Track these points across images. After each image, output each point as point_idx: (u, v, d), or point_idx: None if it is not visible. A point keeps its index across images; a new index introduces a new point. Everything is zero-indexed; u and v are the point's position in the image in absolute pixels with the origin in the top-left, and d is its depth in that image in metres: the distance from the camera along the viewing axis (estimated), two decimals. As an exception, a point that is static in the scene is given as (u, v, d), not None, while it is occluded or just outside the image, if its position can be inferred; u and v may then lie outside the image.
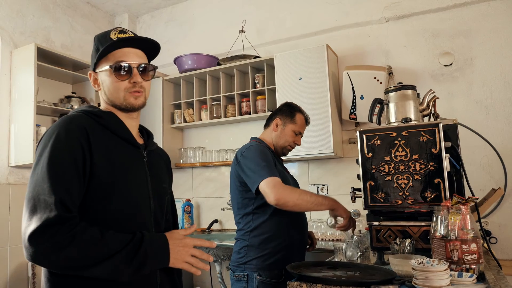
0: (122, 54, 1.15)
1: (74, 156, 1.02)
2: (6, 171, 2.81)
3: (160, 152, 1.35)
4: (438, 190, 1.43)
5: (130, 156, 1.15)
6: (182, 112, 3.38)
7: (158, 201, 1.20)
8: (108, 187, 1.06)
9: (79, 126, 1.06)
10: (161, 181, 1.25)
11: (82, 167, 1.03)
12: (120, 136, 1.15)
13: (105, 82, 1.17)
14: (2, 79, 2.87)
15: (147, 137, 1.29)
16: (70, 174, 1.00)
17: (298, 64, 2.81)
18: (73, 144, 1.03)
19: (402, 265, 1.27)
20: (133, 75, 1.14)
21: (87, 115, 1.12)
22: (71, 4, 3.52)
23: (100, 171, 1.05)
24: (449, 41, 2.70)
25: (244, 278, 1.84)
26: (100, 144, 1.07)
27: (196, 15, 3.70)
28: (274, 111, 2.11)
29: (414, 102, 1.66)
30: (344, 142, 2.91)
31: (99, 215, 1.06)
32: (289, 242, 1.87)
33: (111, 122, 1.15)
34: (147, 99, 1.22)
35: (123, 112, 1.19)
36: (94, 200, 1.05)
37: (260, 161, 1.79)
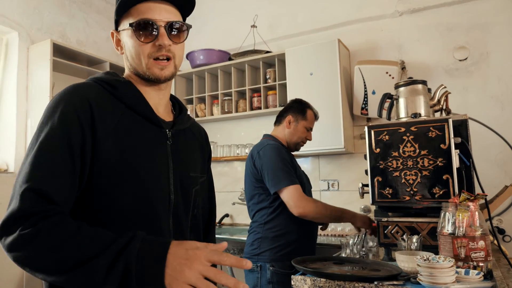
0: (147, 9, 0.91)
1: (70, 140, 0.81)
2: (23, 164, 2.88)
3: (195, 131, 1.11)
4: (447, 187, 1.41)
5: (149, 137, 0.93)
6: (194, 107, 3.40)
7: (182, 193, 0.97)
8: (114, 176, 0.86)
9: (82, 99, 0.86)
10: (189, 168, 1.01)
11: (80, 153, 0.82)
12: (138, 112, 0.93)
13: (127, 44, 0.94)
14: (19, 75, 2.94)
15: (179, 111, 1.06)
16: (60, 161, 0.80)
17: (309, 59, 2.79)
18: (70, 124, 0.82)
19: (408, 262, 1.26)
20: (160, 36, 0.90)
21: (100, 84, 0.92)
22: (86, 1, 3.57)
23: (105, 155, 0.85)
24: (464, 35, 2.64)
25: (257, 269, 1.90)
26: (108, 123, 0.87)
27: (209, 11, 3.71)
28: (285, 108, 2.16)
29: (425, 97, 1.64)
30: (356, 137, 2.88)
31: (103, 210, 0.86)
32: (301, 235, 1.94)
33: (127, 94, 0.93)
34: (178, 67, 0.98)
35: (147, 82, 0.96)
36: (96, 192, 0.85)
37: (279, 163, 1.88)
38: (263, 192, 1.95)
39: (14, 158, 2.84)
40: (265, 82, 3.11)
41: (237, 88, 3.22)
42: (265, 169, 1.89)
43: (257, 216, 1.98)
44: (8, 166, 2.83)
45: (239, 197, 3.21)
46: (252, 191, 2.00)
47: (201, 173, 1.09)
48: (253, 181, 1.99)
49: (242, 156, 3.26)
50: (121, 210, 0.87)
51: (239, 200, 3.21)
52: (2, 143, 2.91)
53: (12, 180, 2.78)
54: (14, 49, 2.97)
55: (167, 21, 0.92)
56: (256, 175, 1.96)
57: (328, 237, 2.59)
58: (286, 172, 1.86)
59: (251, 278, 1.94)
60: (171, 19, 0.93)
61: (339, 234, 2.59)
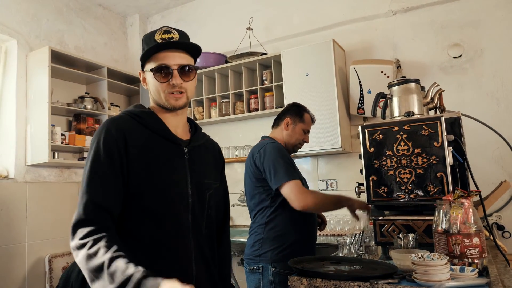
0: (164, 57, 1.18)
1: (112, 160, 1.10)
2: (23, 170, 2.90)
3: (209, 146, 1.37)
4: (441, 184, 1.42)
5: (169, 153, 1.19)
6: (192, 110, 3.42)
7: (198, 197, 1.22)
8: (144, 184, 1.13)
9: (117, 128, 1.14)
10: (204, 176, 1.27)
11: (120, 167, 1.11)
12: (159, 134, 1.20)
13: (150, 82, 1.22)
14: (19, 82, 2.96)
15: (195, 131, 1.32)
16: (107, 177, 1.09)
17: (305, 60, 2.81)
18: (111, 148, 1.11)
19: (403, 260, 1.27)
20: (173, 77, 1.17)
21: (130, 116, 1.20)
22: (84, 7, 3.59)
23: (137, 171, 1.12)
24: (458, 33, 2.65)
25: (259, 270, 1.91)
26: (137, 143, 1.14)
27: (204, 14, 3.73)
28: (282, 111, 2.19)
29: (418, 95, 1.65)
30: (353, 137, 2.89)
31: (138, 210, 1.13)
32: (302, 236, 1.96)
33: (150, 121, 1.20)
34: (190, 98, 1.26)
35: (167, 111, 1.23)
36: (132, 197, 1.12)
37: (280, 160, 1.91)
38: (264, 192, 1.96)
39: (14, 164, 2.86)
40: (262, 84, 3.12)
41: (234, 90, 3.24)
42: (266, 166, 1.91)
43: (258, 216, 1.99)
44: (9, 173, 2.85)
45: (238, 198, 3.23)
46: (253, 191, 2.01)
47: (215, 180, 1.34)
48: (253, 181, 2.00)
49: (241, 157, 3.27)
50: (151, 210, 1.14)
51: (238, 201, 3.22)
52: (2, 150, 2.93)
53: (13, 185, 2.81)
54: (13, 57, 3.00)
55: (179, 65, 1.18)
56: (257, 174, 1.97)
57: (327, 237, 2.60)
58: (286, 168, 1.89)
59: (253, 279, 1.95)
60: (183, 63, 1.19)
61: (337, 234, 2.60)
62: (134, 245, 1.11)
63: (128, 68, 3.85)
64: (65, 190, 3.14)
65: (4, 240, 2.69)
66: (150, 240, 1.13)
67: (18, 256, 2.77)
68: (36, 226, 2.89)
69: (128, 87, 3.61)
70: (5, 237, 2.70)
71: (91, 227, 1.03)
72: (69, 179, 3.21)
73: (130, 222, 1.13)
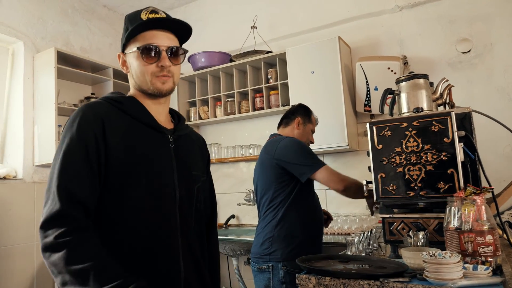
0: (152, 36, 1.09)
1: (87, 149, 0.99)
2: (31, 170, 2.92)
3: (194, 137, 1.28)
4: (452, 181, 1.39)
5: (153, 142, 1.09)
6: (197, 110, 3.41)
7: (186, 190, 1.13)
8: (125, 176, 1.02)
9: (95, 115, 1.03)
10: (191, 168, 1.18)
11: (97, 159, 0.99)
12: (142, 122, 1.09)
13: (133, 64, 1.11)
14: (26, 83, 2.98)
15: (178, 121, 1.23)
16: (82, 167, 0.97)
17: (310, 58, 2.78)
18: (87, 136, 1.00)
19: (414, 258, 1.25)
20: (161, 58, 1.08)
21: (108, 102, 1.09)
22: (89, 8, 3.60)
23: (115, 160, 1.01)
24: (466, 27, 2.61)
25: (268, 269, 1.90)
26: (117, 133, 1.03)
27: (208, 14, 3.72)
28: (291, 111, 2.21)
29: (427, 91, 1.62)
30: (360, 134, 2.86)
31: (117, 206, 1.02)
32: (312, 234, 1.96)
33: (131, 107, 1.10)
34: (176, 84, 1.16)
35: (150, 97, 1.13)
36: (111, 191, 1.01)
37: (306, 150, 1.96)
38: (280, 188, 1.95)
39: (23, 164, 2.88)
40: (267, 82, 3.10)
41: (239, 89, 3.22)
42: (293, 158, 1.92)
43: (269, 214, 1.97)
44: (17, 173, 2.87)
45: (244, 198, 3.21)
46: (268, 186, 1.99)
47: (202, 173, 1.25)
48: (269, 177, 1.99)
49: (247, 156, 3.26)
50: (133, 204, 1.03)
51: (244, 201, 3.21)
52: (10, 151, 2.95)
53: (21, 186, 2.82)
54: (20, 58, 3.01)
55: (168, 46, 1.10)
56: (276, 168, 1.96)
57: (334, 235, 2.57)
58: (315, 156, 1.95)
59: (261, 278, 1.93)
60: (172, 45, 1.11)
61: (345, 233, 2.57)
62: (114, 244, 1.01)
63: (133, 68, 3.85)
64: (72, 190, 3.15)
65: (13, 240, 2.71)
66: (133, 239, 1.02)
67: (27, 256, 2.79)
68: (43, 227, 2.89)
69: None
70: (14, 237, 2.72)
71: (67, 224, 0.92)
72: (76, 179, 3.22)
73: (109, 218, 1.02)
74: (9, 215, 2.70)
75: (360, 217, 2.63)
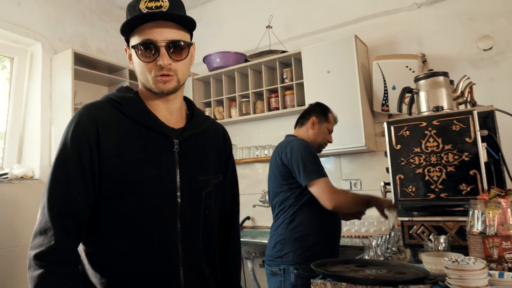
0: (150, 30, 0.95)
1: (80, 157, 0.93)
2: (48, 170, 2.92)
3: (210, 132, 1.16)
4: (475, 183, 1.33)
5: (154, 147, 1.00)
6: (213, 110, 3.40)
7: (191, 197, 1.02)
8: (119, 185, 0.95)
9: (91, 119, 0.96)
10: (199, 172, 1.06)
11: (90, 168, 0.94)
12: (143, 125, 1.00)
13: (135, 61, 1.01)
14: (43, 84, 3.02)
15: (191, 116, 1.11)
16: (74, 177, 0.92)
17: (326, 57, 2.74)
18: (80, 144, 0.94)
19: (435, 264, 1.20)
20: (160, 56, 0.95)
21: (109, 102, 1.01)
22: (106, 10, 3.64)
23: (109, 168, 0.95)
24: (488, 24, 2.52)
25: (280, 272, 1.87)
26: (112, 137, 0.96)
27: (224, 14, 3.71)
28: (307, 110, 2.17)
29: (447, 89, 1.56)
30: (377, 135, 2.80)
31: (112, 216, 0.96)
32: (326, 237, 1.92)
33: (131, 109, 1.00)
34: (182, 81, 1.03)
35: (156, 95, 1.02)
36: (106, 200, 0.95)
37: (309, 156, 1.89)
38: (288, 190, 1.93)
39: (40, 165, 2.91)
40: (282, 82, 3.07)
41: (254, 89, 3.20)
42: (295, 163, 1.88)
43: (281, 216, 1.95)
44: (34, 173, 2.91)
45: (260, 199, 3.18)
46: (277, 189, 1.98)
47: (215, 175, 1.12)
48: (278, 179, 1.97)
49: (262, 157, 3.23)
50: (126, 214, 0.96)
51: (260, 202, 3.18)
52: (28, 151, 2.99)
53: (38, 186, 2.85)
54: (38, 60, 3.06)
55: (167, 40, 0.96)
56: (282, 171, 1.94)
57: (351, 238, 2.52)
58: (316, 164, 1.88)
59: (274, 281, 1.91)
60: (173, 38, 0.97)
61: (362, 236, 2.52)
62: (108, 256, 0.95)
63: (149, 69, 3.88)
64: (88, 191, 3.18)
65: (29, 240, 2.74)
66: (128, 251, 0.95)
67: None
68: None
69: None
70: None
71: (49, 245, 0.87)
72: (92, 180, 3.25)
73: (103, 228, 0.96)
74: (27, 215, 2.74)
75: (378, 219, 2.57)
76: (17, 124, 3.01)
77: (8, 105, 2.98)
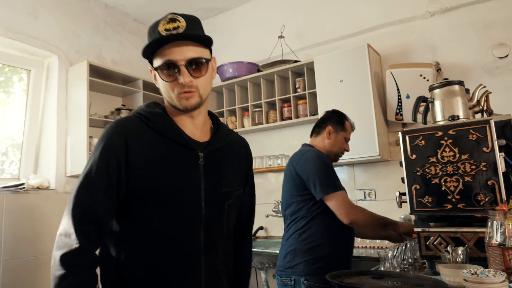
0: (169, 51, 1.01)
1: (108, 172, 0.99)
2: (64, 180, 2.99)
3: (234, 146, 1.21)
4: (493, 193, 1.31)
5: (180, 160, 1.05)
6: (225, 120, 3.42)
7: (215, 209, 1.08)
8: (147, 195, 1.01)
9: (120, 134, 1.02)
10: (223, 185, 1.12)
11: (117, 181, 1.00)
12: (170, 139, 1.06)
13: (159, 81, 1.07)
14: (59, 95, 3.08)
15: (216, 131, 1.17)
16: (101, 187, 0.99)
17: (339, 66, 2.74)
18: (109, 159, 1.00)
19: (453, 276, 1.17)
20: (181, 75, 1.01)
21: (138, 117, 1.07)
22: (120, 22, 3.71)
23: (138, 179, 1.00)
24: (503, 31, 2.49)
25: (291, 283, 1.85)
26: (141, 151, 1.02)
27: (236, 25, 3.75)
28: (323, 119, 2.14)
29: (462, 98, 1.55)
30: (391, 144, 2.78)
31: (138, 225, 1.02)
32: (337, 249, 1.88)
33: (159, 124, 1.06)
34: (204, 96, 1.08)
35: (181, 111, 1.08)
36: (134, 211, 1.02)
37: (325, 168, 1.86)
38: (302, 202, 1.91)
39: (55, 175, 2.95)
40: (295, 92, 3.07)
41: (267, 99, 3.21)
42: (311, 175, 1.85)
43: (292, 226, 1.93)
44: (50, 183, 2.95)
45: (272, 209, 3.17)
46: (290, 199, 1.96)
47: (238, 187, 1.18)
48: (292, 189, 1.95)
49: (275, 167, 3.23)
50: (152, 223, 1.02)
51: (273, 212, 3.17)
52: (44, 161, 3.04)
53: (54, 196, 2.89)
54: (54, 72, 3.12)
55: (187, 59, 1.01)
56: (296, 182, 1.92)
57: (366, 249, 2.49)
58: (333, 177, 1.85)
59: None
60: (192, 56, 1.02)
61: (377, 247, 2.48)
62: (130, 263, 1.01)
63: (162, 80, 3.93)
64: (102, 200, 3.21)
65: (46, 249, 2.77)
66: (152, 261, 1.01)
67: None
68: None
69: (162, 99, 3.66)
70: (47, 247, 2.78)
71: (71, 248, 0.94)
72: (107, 189, 3.28)
73: (128, 236, 1.02)
74: (43, 225, 2.78)
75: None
76: (33, 135, 3.06)
77: (25, 116, 3.04)
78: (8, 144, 2.97)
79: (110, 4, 3.60)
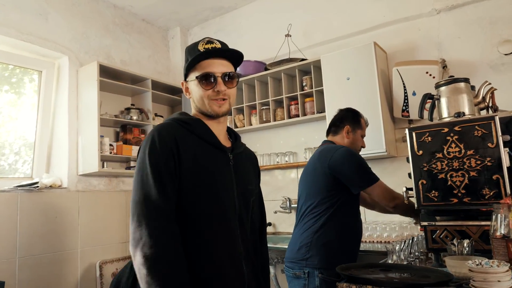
0: (208, 65, 1.23)
1: (168, 161, 1.14)
2: (75, 179, 3.06)
3: (247, 154, 1.41)
4: (498, 187, 1.35)
5: (217, 160, 1.23)
6: (233, 118, 3.46)
7: (243, 202, 1.26)
8: (197, 189, 1.17)
9: (169, 133, 1.18)
10: (247, 183, 1.31)
11: (174, 171, 1.14)
12: (207, 141, 1.23)
13: (194, 91, 1.26)
14: (70, 96, 3.13)
15: (235, 139, 1.36)
16: (163, 179, 1.12)
17: (346, 64, 2.77)
18: (166, 151, 1.14)
19: (459, 267, 1.21)
20: (217, 84, 1.22)
21: (178, 123, 1.23)
22: (128, 23, 3.77)
23: (188, 175, 1.16)
24: (509, 28, 2.51)
25: (304, 276, 1.87)
26: (188, 150, 1.17)
27: (243, 24, 3.79)
28: (339, 118, 2.18)
29: (468, 95, 1.58)
30: (398, 140, 2.81)
31: (191, 214, 1.16)
32: (351, 244, 1.95)
33: (198, 128, 1.23)
34: (232, 105, 1.30)
35: (209, 118, 1.26)
36: (184, 201, 1.16)
37: (363, 162, 1.97)
38: (327, 197, 1.93)
39: (67, 174, 3.01)
40: (302, 90, 3.11)
41: (274, 97, 3.25)
42: (351, 169, 1.92)
43: (309, 221, 1.95)
44: (62, 182, 3.01)
45: (280, 205, 3.22)
46: (315, 192, 1.98)
47: (256, 187, 1.39)
48: (318, 183, 1.97)
49: (282, 164, 3.27)
50: (202, 211, 1.18)
51: (280, 208, 3.21)
52: (56, 161, 3.10)
53: (66, 194, 2.96)
54: (65, 72, 3.18)
55: (222, 72, 1.23)
56: (327, 176, 1.94)
57: (373, 244, 2.52)
58: (370, 169, 1.96)
59: (296, 284, 1.91)
60: (226, 71, 1.24)
61: (384, 241, 2.52)
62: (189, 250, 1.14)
63: (170, 79, 3.98)
64: (113, 198, 3.27)
65: (59, 246, 2.84)
66: (205, 243, 1.16)
67: (72, 262, 2.91)
68: (87, 233, 3.03)
69: (171, 98, 3.72)
70: (60, 244, 2.86)
71: (158, 228, 1.07)
72: (117, 187, 3.35)
73: (185, 225, 1.16)
74: (55, 223, 2.84)
75: (400, 225, 2.56)
76: (45, 135, 3.12)
77: (36, 117, 3.10)
78: (20, 144, 3.04)
79: (119, 5, 3.65)
